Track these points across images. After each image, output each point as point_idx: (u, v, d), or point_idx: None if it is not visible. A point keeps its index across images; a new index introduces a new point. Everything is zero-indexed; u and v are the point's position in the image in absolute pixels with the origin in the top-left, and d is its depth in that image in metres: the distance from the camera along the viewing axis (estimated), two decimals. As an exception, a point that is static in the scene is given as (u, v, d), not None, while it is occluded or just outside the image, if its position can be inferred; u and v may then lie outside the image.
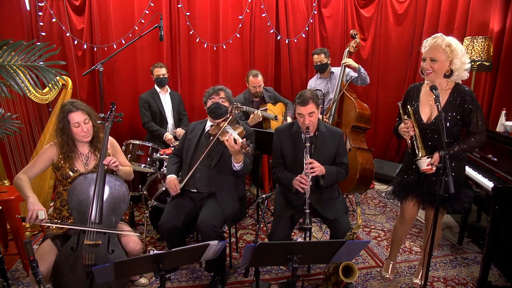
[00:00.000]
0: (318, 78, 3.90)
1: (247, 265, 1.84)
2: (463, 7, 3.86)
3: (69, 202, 2.02)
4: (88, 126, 2.11)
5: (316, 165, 2.19)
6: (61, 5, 3.88)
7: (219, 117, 2.39)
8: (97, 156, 2.20)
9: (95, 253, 1.93)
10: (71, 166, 2.13)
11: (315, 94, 2.27)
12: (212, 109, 2.41)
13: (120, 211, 2.09)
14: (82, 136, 2.10)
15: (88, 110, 2.14)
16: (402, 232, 2.48)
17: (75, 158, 2.15)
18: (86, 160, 2.18)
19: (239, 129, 2.24)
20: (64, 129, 2.09)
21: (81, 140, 2.13)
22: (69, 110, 2.08)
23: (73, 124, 2.07)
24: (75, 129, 2.08)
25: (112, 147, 2.28)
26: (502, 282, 2.52)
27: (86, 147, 2.20)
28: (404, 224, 2.44)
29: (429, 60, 2.04)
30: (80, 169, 2.15)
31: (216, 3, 4.26)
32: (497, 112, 3.22)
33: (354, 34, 3.71)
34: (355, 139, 3.54)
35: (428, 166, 2.04)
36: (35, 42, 3.36)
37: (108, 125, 2.16)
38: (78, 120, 2.07)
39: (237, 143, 2.10)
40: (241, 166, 2.28)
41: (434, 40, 2.04)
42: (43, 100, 3.17)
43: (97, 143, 2.20)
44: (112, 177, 2.11)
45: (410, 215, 2.36)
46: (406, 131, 2.11)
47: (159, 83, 3.73)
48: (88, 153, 2.20)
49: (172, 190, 2.39)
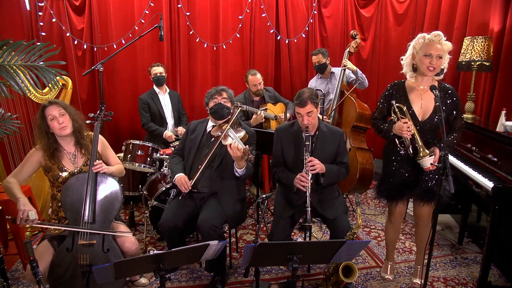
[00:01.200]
0: (318, 78, 3.90)
1: (247, 265, 1.84)
2: (463, 7, 3.86)
3: (63, 203, 2.02)
4: (64, 118, 2.10)
5: (316, 163, 2.19)
6: (61, 5, 3.88)
7: (222, 117, 2.39)
8: (84, 153, 2.20)
9: (90, 252, 1.93)
10: (59, 165, 2.13)
11: (313, 93, 2.26)
12: (215, 109, 2.41)
13: (114, 209, 2.08)
14: (60, 129, 2.08)
15: (64, 104, 2.15)
16: (394, 231, 2.50)
17: (62, 157, 2.15)
18: (74, 158, 2.18)
19: (242, 133, 2.22)
20: (41, 125, 2.10)
21: (60, 134, 2.12)
22: (45, 105, 2.10)
23: (48, 117, 2.08)
24: (51, 122, 2.08)
25: (102, 145, 2.28)
26: (502, 282, 2.52)
27: (71, 145, 2.20)
28: (395, 223, 2.46)
29: (436, 57, 2.03)
30: (69, 167, 2.15)
31: (216, 3, 4.26)
32: (497, 112, 3.22)
33: (354, 35, 3.71)
34: (355, 139, 3.54)
35: (431, 164, 2.05)
36: (35, 42, 3.36)
37: (97, 124, 2.17)
38: (53, 113, 2.07)
39: (239, 150, 2.09)
40: (244, 172, 2.28)
41: (438, 38, 2.03)
42: (43, 100, 3.17)
43: (81, 139, 2.19)
44: (103, 176, 2.11)
45: (400, 213, 2.40)
46: (408, 130, 2.08)
47: (157, 82, 3.72)
48: (74, 151, 2.20)
49: (183, 187, 2.35)
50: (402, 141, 2.16)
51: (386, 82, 4.78)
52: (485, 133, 2.85)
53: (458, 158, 2.86)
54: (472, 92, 3.39)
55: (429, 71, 2.06)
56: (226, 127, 2.25)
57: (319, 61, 3.74)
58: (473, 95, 3.39)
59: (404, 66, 2.21)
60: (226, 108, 2.39)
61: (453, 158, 2.88)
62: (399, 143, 2.17)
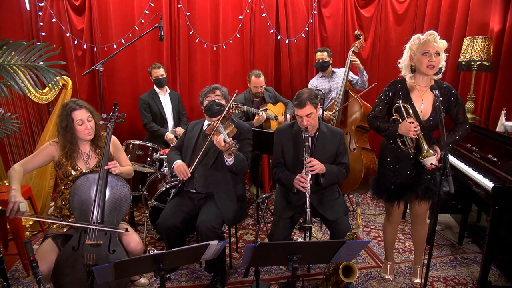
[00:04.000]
0: (319, 77, 3.91)
1: (247, 265, 1.84)
2: (463, 7, 3.86)
3: (71, 202, 2.02)
4: (92, 124, 2.13)
5: (316, 163, 2.19)
6: (61, 5, 3.88)
7: (215, 115, 2.39)
8: (98, 154, 2.20)
9: (97, 253, 1.94)
10: (72, 164, 2.13)
11: (312, 94, 2.24)
12: (208, 107, 2.41)
13: (122, 211, 2.10)
14: (86, 134, 2.11)
15: (90, 108, 2.16)
16: (392, 231, 2.50)
17: (76, 157, 2.15)
18: (87, 159, 2.19)
19: (230, 128, 2.24)
20: (67, 128, 2.08)
21: (84, 138, 2.14)
22: (72, 108, 2.08)
23: (76, 122, 2.08)
24: (79, 127, 2.08)
25: (114, 147, 2.29)
26: (502, 282, 2.52)
27: (87, 146, 2.20)
28: (393, 223, 2.46)
29: (434, 55, 2.03)
30: (82, 167, 2.15)
31: (216, 3, 4.26)
32: (497, 112, 3.22)
33: (358, 35, 3.73)
34: (359, 139, 3.55)
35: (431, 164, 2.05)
36: (35, 42, 3.36)
37: (110, 126, 2.17)
38: (82, 117, 2.08)
39: (224, 143, 2.12)
40: (233, 161, 2.27)
41: (433, 36, 2.03)
42: (43, 100, 3.17)
43: (98, 141, 2.21)
44: (114, 177, 2.12)
45: (398, 213, 2.41)
46: (416, 130, 2.05)
47: (158, 83, 3.73)
48: (89, 151, 2.21)
49: (182, 174, 2.36)
50: (403, 141, 2.15)
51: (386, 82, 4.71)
52: (485, 133, 2.85)
53: (458, 158, 2.86)
54: (472, 92, 3.39)
55: (429, 69, 2.05)
56: (217, 123, 2.26)
57: (323, 59, 3.75)
58: (473, 95, 3.40)
59: (403, 69, 2.20)
60: (217, 105, 2.39)
61: (453, 158, 2.88)
62: (400, 143, 2.15)
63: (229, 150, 2.13)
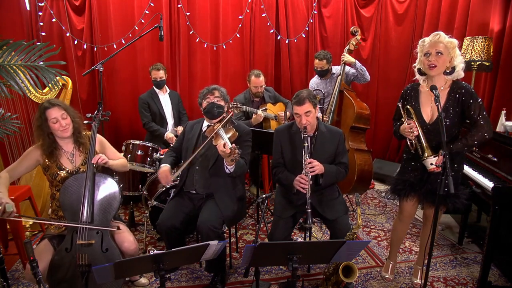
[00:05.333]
0: (318, 79, 3.90)
1: (247, 265, 1.84)
2: (463, 7, 3.86)
3: (61, 203, 2.03)
4: (67, 121, 2.12)
5: (315, 164, 2.19)
6: (61, 5, 3.88)
7: (215, 117, 2.38)
8: (82, 151, 2.20)
9: (89, 252, 1.93)
10: (57, 164, 2.13)
11: (311, 93, 2.26)
12: (208, 109, 2.40)
13: (112, 209, 2.09)
14: (61, 131, 2.10)
15: (65, 105, 2.15)
16: (402, 230, 2.48)
17: (60, 156, 2.16)
18: (72, 157, 2.19)
19: (231, 132, 2.22)
20: (41, 126, 2.09)
21: (61, 136, 2.13)
22: (45, 107, 2.09)
23: (51, 120, 2.08)
24: (54, 125, 2.08)
25: (100, 145, 2.29)
26: (502, 282, 2.52)
27: (70, 144, 2.20)
28: (403, 222, 2.44)
29: (434, 53, 2.02)
30: (67, 166, 2.15)
31: (216, 3, 4.26)
32: (497, 112, 3.22)
33: (354, 31, 3.66)
34: (354, 140, 3.52)
35: (431, 164, 2.05)
36: (35, 42, 3.36)
37: (95, 125, 2.18)
38: (56, 115, 2.08)
39: (226, 148, 2.09)
40: (233, 168, 2.27)
41: (437, 37, 2.04)
42: (43, 100, 3.17)
43: (79, 138, 2.20)
44: (101, 176, 2.12)
45: (409, 213, 2.37)
46: (410, 131, 2.09)
47: (156, 85, 3.74)
48: (73, 150, 2.20)
49: (163, 180, 2.37)
50: (411, 142, 2.18)
51: (386, 82, 4.84)
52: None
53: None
54: (472, 92, 3.39)
55: (430, 69, 2.05)
56: (218, 126, 2.25)
57: (322, 67, 3.72)
58: (473, 95, 3.39)
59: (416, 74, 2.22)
60: (217, 107, 2.38)
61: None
62: (409, 144, 2.20)
63: (231, 156, 2.10)
